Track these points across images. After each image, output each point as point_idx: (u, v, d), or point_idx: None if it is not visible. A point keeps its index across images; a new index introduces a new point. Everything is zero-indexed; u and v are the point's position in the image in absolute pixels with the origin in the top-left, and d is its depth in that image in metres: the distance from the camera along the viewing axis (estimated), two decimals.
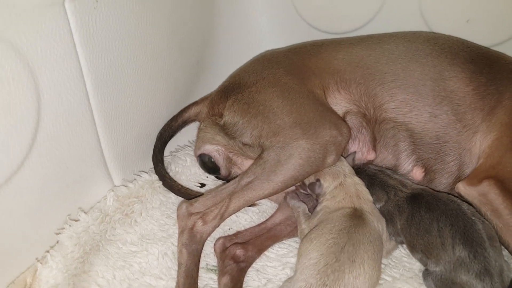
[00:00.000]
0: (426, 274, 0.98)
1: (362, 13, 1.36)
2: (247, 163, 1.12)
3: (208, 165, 1.18)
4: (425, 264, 0.98)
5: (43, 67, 0.89)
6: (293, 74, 1.14)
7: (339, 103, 1.16)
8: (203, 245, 1.02)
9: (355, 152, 1.13)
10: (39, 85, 0.89)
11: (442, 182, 1.11)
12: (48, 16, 0.86)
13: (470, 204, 1.01)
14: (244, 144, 1.09)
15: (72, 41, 0.93)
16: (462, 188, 1.04)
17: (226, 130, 1.11)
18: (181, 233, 1.02)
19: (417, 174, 1.11)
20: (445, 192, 1.06)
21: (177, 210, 1.06)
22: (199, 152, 1.18)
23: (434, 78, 1.11)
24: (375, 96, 1.13)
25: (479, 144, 1.07)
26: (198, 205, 1.05)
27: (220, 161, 1.16)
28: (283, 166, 1.00)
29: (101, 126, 1.08)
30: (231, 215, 1.03)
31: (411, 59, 1.14)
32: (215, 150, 1.15)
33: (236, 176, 1.08)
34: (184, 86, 1.33)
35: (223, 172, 1.17)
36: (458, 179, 1.08)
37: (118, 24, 1.00)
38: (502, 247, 0.98)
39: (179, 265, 0.99)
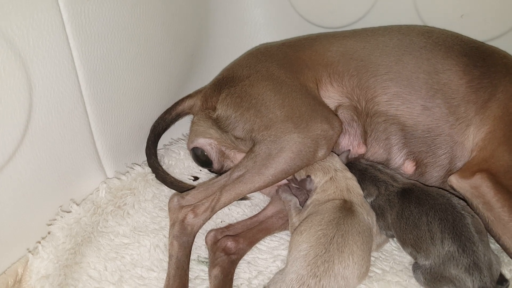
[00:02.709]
0: (416, 267, 0.99)
1: (357, 7, 1.36)
2: (240, 156, 1.12)
3: (201, 158, 1.19)
4: (415, 258, 0.99)
5: (35, 58, 0.89)
6: (286, 68, 1.14)
7: (332, 96, 1.16)
8: (194, 237, 1.03)
9: (349, 150, 1.13)
10: (31, 76, 0.89)
11: (433, 175, 1.11)
12: (40, 7, 0.86)
13: (461, 198, 1.01)
14: (236, 138, 1.09)
15: (64, 32, 0.93)
16: (454, 180, 1.04)
17: (219, 124, 1.11)
18: (172, 225, 1.03)
19: (408, 167, 1.12)
20: (436, 187, 1.07)
21: (169, 202, 1.07)
22: (192, 146, 1.19)
23: (428, 71, 1.11)
24: (367, 88, 1.13)
25: (472, 137, 1.08)
26: (189, 198, 1.05)
27: (213, 154, 1.16)
28: (274, 160, 1.00)
29: (94, 118, 1.08)
30: (222, 208, 1.04)
31: (405, 51, 1.14)
32: (208, 143, 1.15)
33: (228, 169, 1.08)
34: (178, 79, 1.33)
35: (216, 165, 1.18)
36: (449, 172, 1.09)
37: (111, 15, 1.00)
38: (493, 240, 0.99)
39: (170, 257, 1.00)
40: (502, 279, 0.94)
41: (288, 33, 1.42)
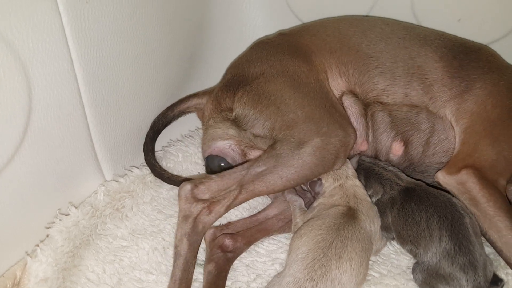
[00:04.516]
0: (416, 266, 0.99)
1: (355, 10, 1.36)
2: (259, 154, 1.06)
3: (216, 172, 1.06)
4: (414, 255, 1.00)
5: (35, 60, 0.88)
6: (298, 57, 1.12)
7: (340, 89, 1.15)
8: (202, 237, 0.99)
9: (359, 154, 1.12)
10: (30, 79, 0.88)
11: (419, 151, 1.11)
12: (40, 10, 0.86)
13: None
14: (256, 136, 1.05)
15: (64, 35, 0.92)
16: (441, 177, 1.05)
17: (237, 123, 1.07)
18: (184, 219, 0.96)
19: (397, 148, 1.12)
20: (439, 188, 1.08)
21: (180, 190, 0.98)
22: (209, 152, 1.11)
23: (404, 59, 1.12)
24: (363, 85, 1.13)
25: (449, 116, 1.09)
26: (203, 188, 0.98)
27: (236, 157, 1.09)
28: (297, 164, 0.97)
29: (93, 121, 1.07)
30: (236, 206, 1.00)
31: (386, 42, 1.14)
32: (228, 145, 1.09)
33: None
34: (177, 81, 1.32)
35: None
36: (430, 146, 1.10)
37: (110, 18, 1.00)
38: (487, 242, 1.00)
39: (177, 255, 0.95)
40: (496, 279, 0.95)
41: (291, 23, 1.41)
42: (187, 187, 0.98)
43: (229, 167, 1.10)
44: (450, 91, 1.09)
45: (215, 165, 1.12)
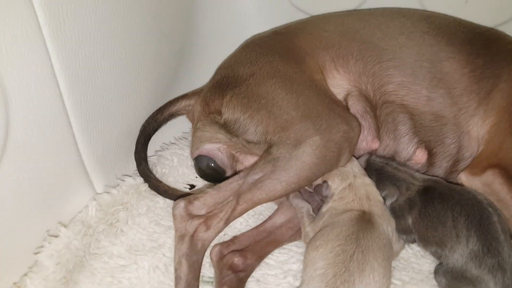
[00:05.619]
0: (438, 268, 0.94)
1: None
2: (253, 160, 1.01)
3: (205, 171, 1.06)
4: (439, 257, 0.94)
5: (10, 67, 0.79)
6: (289, 59, 1.06)
7: (340, 84, 1.08)
8: (203, 255, 0.92)
9: (368, 153, 1.05)
10: (6, 88, 0.79)
11: (442, 166, 1.06)
12: (12, 10, 0.76)
13: None
14: (249, 142, 0.99)
15: (41, 36, 0.82)
16: (464, 178, 1.00)
17: (227, 128, 1.01)
18: (180, 239, 0.91)
19: (420, 156, 1.06)
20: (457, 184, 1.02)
21: (173, 209, 0.93)
22: (197, 152, 1.06)
23: (430, 59, 1.06)
24: (373, 75, 1.07)
25: (477, 129, 1.04)
26: (198, 204, 0.92)
27: (224, 159, 1.04)
28: (296, 166, 0.91)
29: (78, 128, 0.98)
30: (236, 218, 0.93)
31: (408, 36, 1.09)
32: (216, 148, 1.04)
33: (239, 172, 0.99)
34: (167, 78, 1.23)
35: (229, 172, 1.05)
36: (457, 163, 1.05)
37: (91, 14, 0.90)
38: None
39: (178, 279, 0.89)
40: None
41: (280, 23, 1.33)
42: (181, 204, 0.93)
43: (219, 167, 1.05)
44: (478, 96, 1.04)
45: (204, 165, 1.07)
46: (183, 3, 1.23)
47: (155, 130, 1.17)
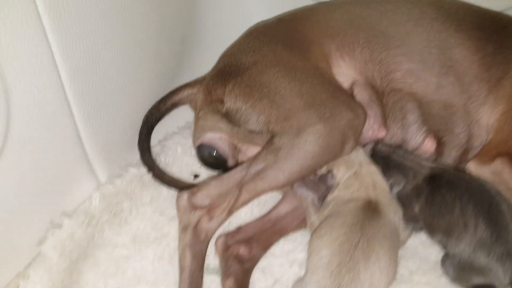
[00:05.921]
0: (445, 259, 0.93)
1: None
2: (256, 150, 0.99)
3: (208, 160, 1.05)
4: (444, 246, 0.93)
5: (10, 58, 0.78)
6: (293, 47, 1.05)
7: (345, 72, 1.07)
8: (207, 245, 0.92)
9: (374, 142, 1.04)
10: (7, 79, 0.78)
11: (452, 155, 1.05)
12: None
13: None
14: (251, 132, 0.98)
15: (41, 26, 0.81)
16: (473, 167, 0.99)
17: (229, 118, 1.00)
18: (183, 230, 0.91)
19: (429, 145, 1.04)
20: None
21: (177, 201, 0.93)
22: (199, 142, 1.05)
23: (440, 46, 1.05)
24: (380, 63, 1.06)
25: (486, 117, 1.02)
26: (202, 195, 0.92)
27: (225, 149, 1.03)
28: (299, 155, 0.90)
29: (81, 119, 0.97)
30: (239, 208, 0.93)
31: (416, 23, 1.07)
32: (218, 137, 1.02)
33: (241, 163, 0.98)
34: (170, 67, 1.22)
35: (231, 161, 1.04)
36: (466, 152, 1.04)
37: (92, 2, 0.89)
38: None
39: (182, 269, 0.90)
40: None
41: (285, 8, 1.31)
42: (184, 196, 0.92)
43: (220, 156, 1.05)
44: (488, 84, 1.02)
45: (206, 154, 1.06)
46: None
47: (158, 120, 1.16)
